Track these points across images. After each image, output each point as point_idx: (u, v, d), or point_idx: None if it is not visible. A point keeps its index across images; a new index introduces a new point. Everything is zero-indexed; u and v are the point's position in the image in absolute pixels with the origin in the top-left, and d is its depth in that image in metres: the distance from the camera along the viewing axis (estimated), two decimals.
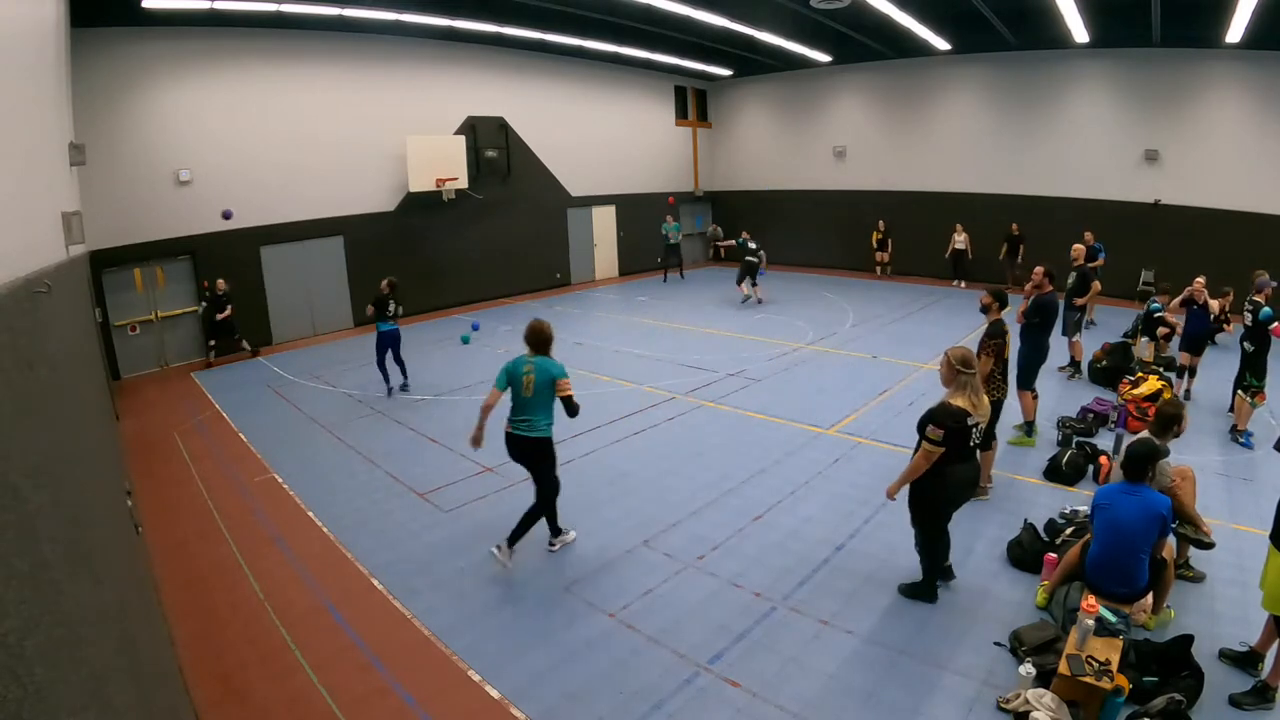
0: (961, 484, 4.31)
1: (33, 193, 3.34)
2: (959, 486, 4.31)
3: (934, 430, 4.11)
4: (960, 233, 16.10)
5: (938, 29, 13.90)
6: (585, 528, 5.65)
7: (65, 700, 1.28)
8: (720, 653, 4.12)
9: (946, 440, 4.10)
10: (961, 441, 4.18)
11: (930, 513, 4.37)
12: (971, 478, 4.38)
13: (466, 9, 12.38)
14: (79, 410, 3.20)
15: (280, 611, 4.67)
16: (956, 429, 4.12)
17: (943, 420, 4.12)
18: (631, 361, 10.59)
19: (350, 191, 13.46)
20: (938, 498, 4.29)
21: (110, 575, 2.45)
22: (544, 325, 5.08)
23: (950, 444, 4.11)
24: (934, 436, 4.10)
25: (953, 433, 4.11)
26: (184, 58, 11.10)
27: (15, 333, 1.80)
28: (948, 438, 4.10)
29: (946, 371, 4.33)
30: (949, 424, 4.10)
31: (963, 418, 4.15)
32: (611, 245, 19.07)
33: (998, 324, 5.82)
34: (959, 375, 4.25)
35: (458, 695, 3.86)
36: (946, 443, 4.10)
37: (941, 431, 4.09)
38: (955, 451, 4.16)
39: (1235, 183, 12.87)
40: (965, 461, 4.28)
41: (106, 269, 10.57)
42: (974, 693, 3.73)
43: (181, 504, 6.38)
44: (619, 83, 18.36)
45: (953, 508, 4.42)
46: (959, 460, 4.21)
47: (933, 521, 4.41)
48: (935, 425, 4.11)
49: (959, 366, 4.26)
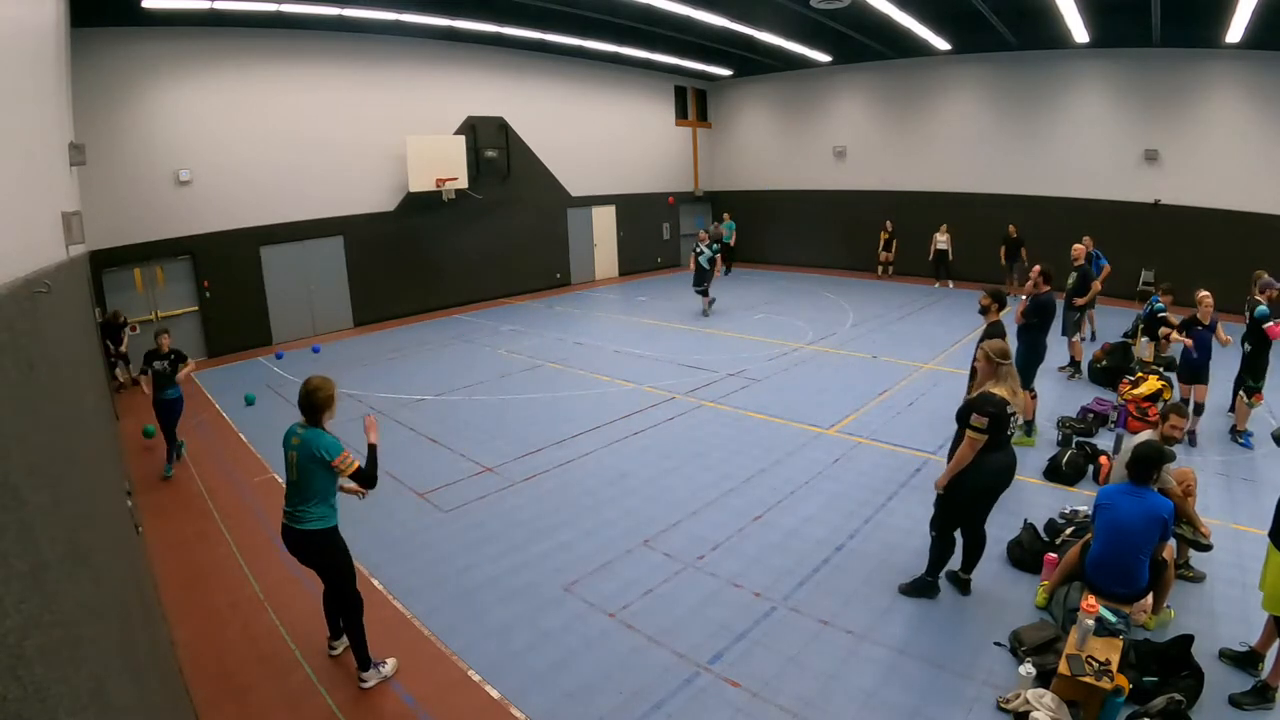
0: (1000, 470, 4.31)
1: (33, 193, 3.34)
2: (997, 473, 4.31)
3: (978, 418, 4.13)
4: (943, 233, 16.07)
5: (938, 29, 13.90)
6: (585, 528, 5.65)
7: (65, 700, 1.28)
8: (720, 653, 4.12)
9: (990, 428, 4.12)
10: (1001, 429, 4.21)
11: (967, 500, 4.35)
12: (1009, 464, 4.37)
13: (466, 9, 12.38)
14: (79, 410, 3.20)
15: (280, 611, 4.67)
16: (998, 416, 4.15)
17: (985, 408, 4.14)
18: (631, 361, 10.59)
19: (350, 191, 13.46)
20: (980, 485, 4.29)
21: (110, 575, 2.45)
22: (319, 386, 3.69)
23: (992, 432, 4.14)
24: (979, 424, 4.12)
25: (995, 420, 4.13)
26: (184, 58, 11.10)
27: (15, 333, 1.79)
28: (990, 425, 4.12)
29: (985, 365, 4.38)
30: (992, 411, 4.13)
31: (1004, 405, 4.19)
32: (611, 245, 19.07)
33: (996, 325, 5.82)
34: (999, 367, 4.31)
35: (458, 695, 3.86)
36: (989, 430, 4.12)
37: (986, 419, 4.11)
38: (995, 440, 4.19)
39: (1235, 183, 12.86)
40: (1002, 449, 4.29)
41: (106, 269, 10.57)
42: (974, 693, 3.73)
43: (181, 504, 6.38)
44: (619, 83, 18.36)
45: (995, 495, 4.40)
46: (998, 448, 4.23)
47: (966, 510, 4.40)
48: (979, 414, 4.14)
49: (998, 359, 4.33)
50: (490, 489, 6.40)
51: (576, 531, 5.56)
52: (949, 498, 4.38)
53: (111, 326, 9.68)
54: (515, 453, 7.21)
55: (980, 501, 4.40)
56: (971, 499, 4.35)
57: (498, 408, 8.67)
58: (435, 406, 8.81)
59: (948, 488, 4.35)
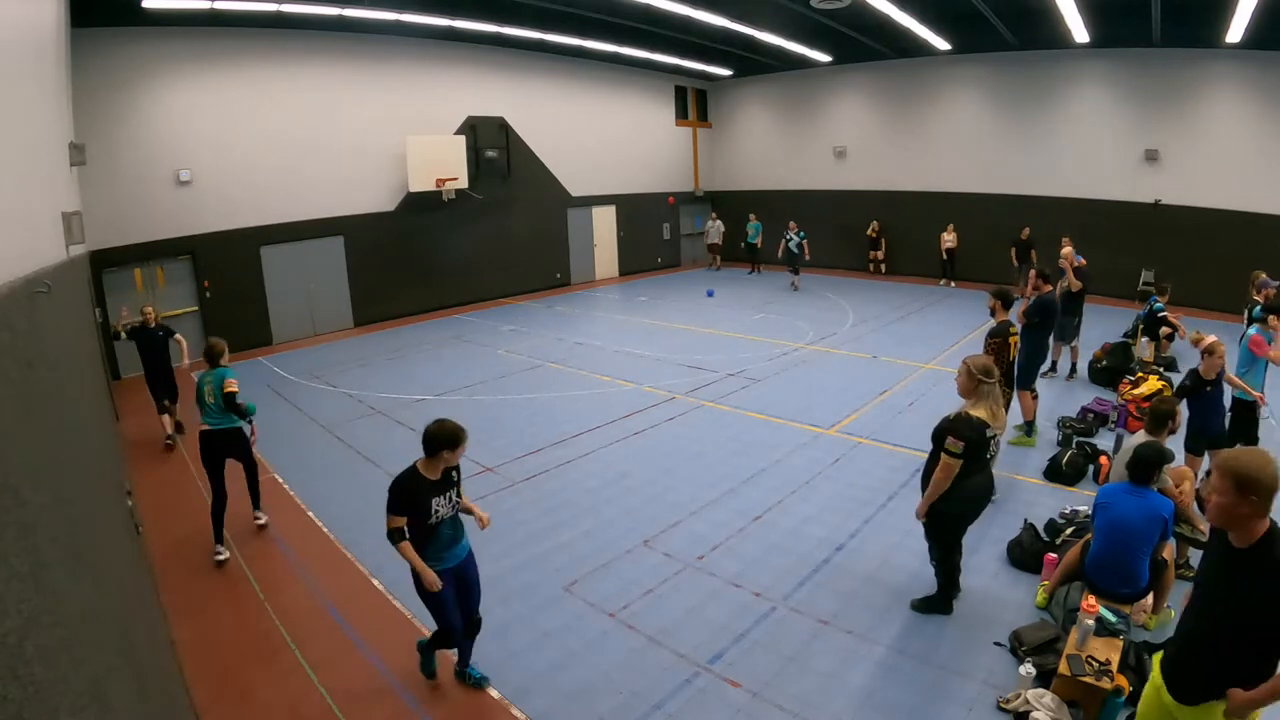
0: (976, 495, 4.16)
1: (33, 193, 3.34)
2: (974, 499, 4.16)
3: (953, 442, 3.91)
4: (950, 232, 16.19)
5: (938, 29, 13.90)
6: (585, 528, 5.65)
7: (65, 700, 1.28)
8: (720, 653, 4.12)
9: (965, 453, 3.91)
10: (979, 453, 4.02)
11: (946, 526, 4.21)
12: (986, 488, 4.23)
13: (466, 9, 12.38)
14: (79, 410, 3.20)
15: (280, 611, 4.67)
16: (975, 440, 3.94)
17: (963, 432, 3.93)
18: (631, 361, 10.59)
19: (350, 192, 13.46)
20: (953, 511, 4.13)
21: (110, 575, 2.45)
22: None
23: (968, 456, 3.94)
24: (954, 449, 3.91)
25: (971, 445, 3.93)
26: (184, 58, 11.10)
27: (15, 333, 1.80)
28: (966, 450, 3.91)
29: (966, 380, 4.14)
30: (969, 435, 3.92)
31: (982, 429, 3.99)
32: (611, 245, 19.07)
33: (1003, 325, 5.74)
34: (980, 385, 4.07)
35: (458, 695, 3.86)
36: (964, 455, 3.92)
37: (962, 444, 3.90)
38: (972, 464, 4.00)
39: (1235, 183, 12.86)
40: (981, 473, 4.13)
41: (106, 269, 10.56)
42: (974, 692, 3.73)
43: (181, 504, 6.38)
44: (619, 83, 18.36)
45: (968, 521, 4.27)
46: (975, 472, 4.06)
47: (948, 535, 4.26)
48: (955, 437, 3.92)
49: (980, 376, 4.08)
50: (490, 489, 6.40)
51: (576, 531, 5.55)
52: (932, 525, 4.21)
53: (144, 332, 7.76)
54: (515, 453, 7.21)
55: (962, 524, 4.25)
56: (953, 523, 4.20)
57: (498, 408, 8.67)
58: (435, 406, 8.81)
59: (929, 514, 4.16)
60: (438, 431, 3.49)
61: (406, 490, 3.45)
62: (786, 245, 16.45)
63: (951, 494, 4.04)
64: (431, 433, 3.49)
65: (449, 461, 3.55)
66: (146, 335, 7.71)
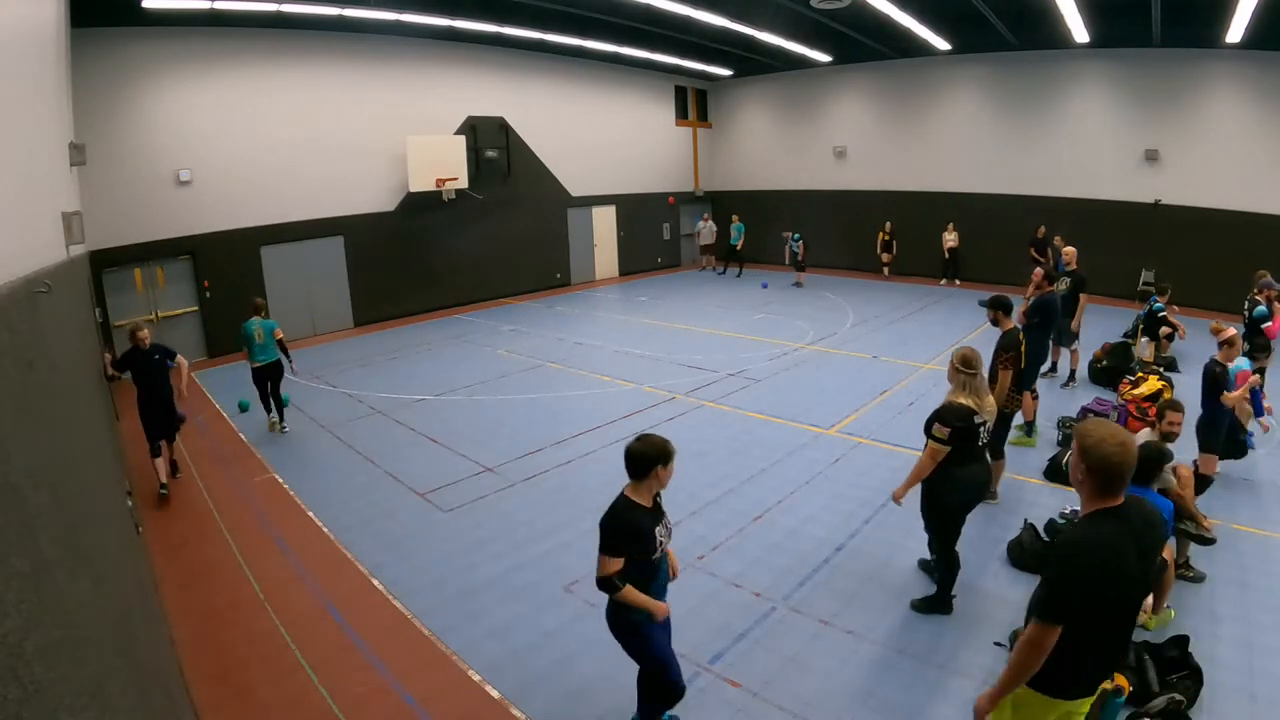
0: (972, 485, 4.25)
1: (33, 193, 3.34)
2: (970, 488, 4.24)
3: (939, 428, 4.10)
4: (951, 232, 16.21)
5: (938, 29, 13.90)
6: (585, 528, 5.64)
7: (65, 700, 1.28)
8: (720, 653, 4.12)
9: (953, 439, 4.07)
10: (970, 441, 4.15)
11: (945, 517, 4.29)
12: (983, 479, 4.33)
13: (466, 9, 12.37)
14: (79, 410, 3.20)
15: (280, 611, 4.66)
16: (963, 428, 4.09)
17: (948, 419, 4.10)
18: (631, 361, 10.59)
19: (351, 192, 13.46)
20: (953, 502, 4.23)
21: (110, 575, 2.45)
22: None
23: (958, 443, 4.09)
24: (939, 434, 4.09)
25: (959, 432, 4.08)
26: (184, 58, 11.10)
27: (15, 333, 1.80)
28: (954, 436, 4.07)
29: (950, 371, 4.36)
30: (955, 422, 4.09)
31: (969, 416, 4.13)
32: (612, 245, 19.07)
33: (1012, 334, 5.56)
34: (959, 374, 4.27)
35: (458, 695, 3.86)
36: (953, 441, 4.08)
37: (948, 430, 4.07)
38: (965, 452, 4.13)
39: (1235, 183, 12.85)
40: (976, 461, 4.24)
41: (106, 269, 10.57)
42: (974, 692, 3.71)
43: (181, 504, 6.38)
44: (619, 83, 18.36)
45: (965, 511, 4.34)
46: (970, 460, 4.18)
47: (948, 527, 4.32)
48: (941, 424, 4.11)
49: (959, 366, 4.27)
50: (490, 489, 6.40)
51: (577, 531, 5.55)
52: (932, 517, 4.32)
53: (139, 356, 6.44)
54: (515, 453, 7.22)
55: (960, 515, 4.30)
56: (950, 514, 4.26)
57: (498, 408, 8.67)
58: (435, 406, 8.81)
59: (929, 506, 4.28)
60: (645, 449, 2.94)
61: (629, 525, 2.89)
62: (790, 250, 16.93)
63: (950, 485, 4.16)
64: (638, 451, 2.94)
65: (661, 483, 3.02)
66: (141, 360, 6.30)
